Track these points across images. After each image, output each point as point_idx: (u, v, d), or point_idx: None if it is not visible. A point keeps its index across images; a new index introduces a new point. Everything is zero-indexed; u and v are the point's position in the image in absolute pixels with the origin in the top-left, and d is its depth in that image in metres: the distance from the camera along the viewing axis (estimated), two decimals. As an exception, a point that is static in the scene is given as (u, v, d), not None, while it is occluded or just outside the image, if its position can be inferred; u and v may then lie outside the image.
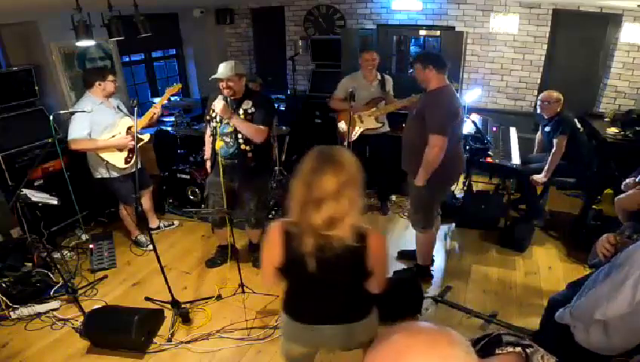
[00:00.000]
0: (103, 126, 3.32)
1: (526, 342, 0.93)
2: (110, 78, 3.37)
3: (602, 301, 1.68)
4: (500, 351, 0.92)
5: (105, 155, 3.36)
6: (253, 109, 3.03)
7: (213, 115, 3.09)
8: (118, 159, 3.40)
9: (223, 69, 2.91)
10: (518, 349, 0.91)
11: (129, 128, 3.36)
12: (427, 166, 2.81)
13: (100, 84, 3.32)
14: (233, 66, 2.92)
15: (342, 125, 4.11)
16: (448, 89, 2.84)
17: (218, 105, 2.91)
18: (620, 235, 1.91)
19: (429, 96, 2.88)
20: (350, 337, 1.69)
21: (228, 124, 3.04)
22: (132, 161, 3.40)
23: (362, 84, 3.99)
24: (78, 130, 3.24)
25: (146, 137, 3.49)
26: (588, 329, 1.79)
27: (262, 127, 3.00)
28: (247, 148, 3.08)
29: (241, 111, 3.02)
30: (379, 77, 4.06)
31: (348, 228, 1.36)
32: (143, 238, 3.84)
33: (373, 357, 0.75)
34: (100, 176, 3.49)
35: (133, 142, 3.25)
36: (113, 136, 3.34)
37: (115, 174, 3.44)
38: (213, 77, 2.95)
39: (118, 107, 3.47)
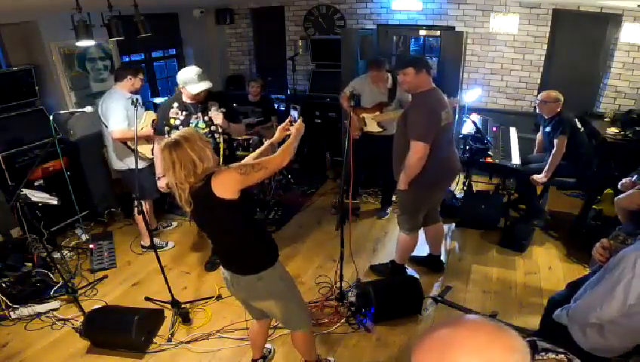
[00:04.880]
0: (133, 118, 3.35)
1: (562, 349, 0.89)
2: (140, 76, 3.52)
3: (596, 305, 1.70)
4: (540, 358, 0.89)
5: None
6: (224, 108, 3.05)
7: (177, 123, 3.02)
8: (146, 149, 3.54)
9: (203, 81, 2.89)
10: (561, 356, 0.88)
11: (153, 120, 3.47)
12: (408, 171, 2.80)
13: (130, 79, 3.47)
14: (203, 74, 2.91)
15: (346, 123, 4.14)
16: (435, 92, 2.80)
17: (217, 118, 2.93)
18: (615, 239, 1.92)
19: (414, 99, 2.86)
20: (236, 286, 2.07)
21: (197, 127, 3.00)
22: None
23: (369, 87, 3.95)
24: (120, 121, 3.37)
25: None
26: (585, 331, 1.80)
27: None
28: (224, 145, 3.08)
29: (213, 111, 2.99)
30: (389, 85, 3.92)
31: (197, 176, 1.81)
32: (157, 240, 3.85)
33: (421, 345, 0.70)
34: (126, 168, 3.56)
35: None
36: (142, 128, 3.40)
37: (142, 165, 3.50)
38: (202, 89, 2.89)
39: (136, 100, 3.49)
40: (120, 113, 3.37)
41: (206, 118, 3.05)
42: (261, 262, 1.99)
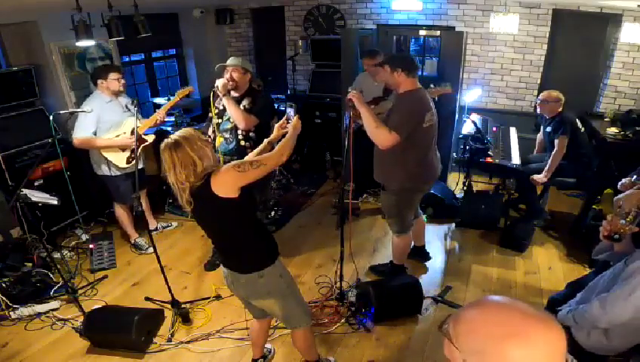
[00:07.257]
0: (109, 124, 3.35)
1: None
2: (112, 75, 3.33)
3: (608, 312, 1.70)
4: None
5: (107, 154, 3.39)
6: (250, 106, 3.06)
7: (216, 111, 3.11)
8: (120, 158, 3.43)
9: (231, 60, 3.00)
10: None
11: (133, 129, 3.36)
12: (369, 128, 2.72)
13: (102, 82, 3.34)
14: (241, 60, 3.02)
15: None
16: (419, 92, 2.78)
17: (220, 81, 2.94)
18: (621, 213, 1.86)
19: (397, 99, 2.88)
20: (236, 284, 2.07)
21: (229, 120, 3.06)
22: (133, 162, 3.42)
23: (368, 82, 3.97)
24: (83, 129, 3.28)
25: (150, 138, 3.49)
26: (589, 333, 1.81)
27: (250, 115, 3.00)
28: (247, 144, 3.08)
29: (240, 107, 3.03)
30: None
31: (197, 176, 1.83)
32: (142, 241, 3.84)
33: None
34: (101, 173, 3.52)
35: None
36: (117, 136, 3.35)
37: (115, 173, 3.47)
38: (219, 65, 3.01)
39: (126, 106, 3.46)
40: (84, 121, 3.25)
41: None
42: (262, 260, 2.00)
